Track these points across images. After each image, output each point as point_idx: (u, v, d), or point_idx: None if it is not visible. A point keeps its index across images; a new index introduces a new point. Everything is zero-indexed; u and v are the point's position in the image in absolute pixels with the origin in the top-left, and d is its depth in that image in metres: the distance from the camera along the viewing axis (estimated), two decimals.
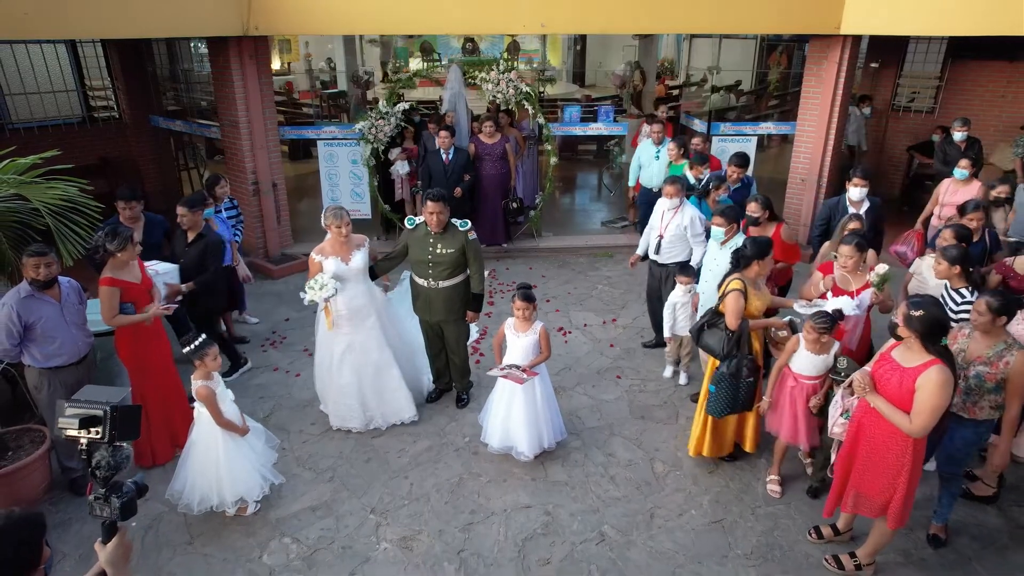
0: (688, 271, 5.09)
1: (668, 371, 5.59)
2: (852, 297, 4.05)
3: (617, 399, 5.27)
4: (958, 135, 7.19)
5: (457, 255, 4.64)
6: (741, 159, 6.16)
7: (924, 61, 9.83)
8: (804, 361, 3.85)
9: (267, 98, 7.55)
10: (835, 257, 4.27)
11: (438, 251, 4.62)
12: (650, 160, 7.50)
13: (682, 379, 5.48)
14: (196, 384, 3.71)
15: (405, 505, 4.15)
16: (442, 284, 4.71)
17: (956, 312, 3.99)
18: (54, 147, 4.33)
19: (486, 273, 6.16)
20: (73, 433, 2.09)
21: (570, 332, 6.32)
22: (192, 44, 9.60)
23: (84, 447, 2.11)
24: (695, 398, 5.18)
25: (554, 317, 6.57)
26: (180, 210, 4.98)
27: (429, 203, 4.49)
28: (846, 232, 4.52)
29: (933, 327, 3.01)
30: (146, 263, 4.67)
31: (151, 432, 4.41)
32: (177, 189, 9.84)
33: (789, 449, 4.23)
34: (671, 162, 6.98)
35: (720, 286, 4.28)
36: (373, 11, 6.92)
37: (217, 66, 7.33)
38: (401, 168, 7.97)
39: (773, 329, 4.27)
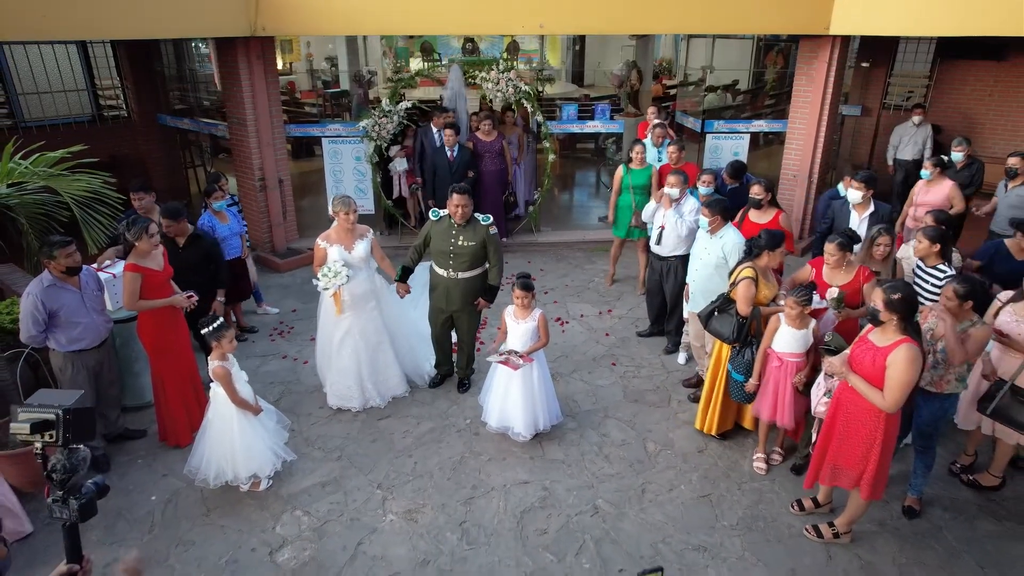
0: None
1: (682, 357, 5.81)
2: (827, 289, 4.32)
3: (611, 384, 5.50)
4: (956, 155, 6.94)
5: (478, 248, 4.86)
6: (735, 170, 6.37)
7: (914, 60, 10.05)
8: (787, 338, 4.07)
9: (273, 97, 7.77)
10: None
11: (460, 243, 4.84)
12: (652, 162, 7.17)
13: (681, 358, 5.75)
14: (213, 364, 3.94)
15: (410, 481, 4.38)
16: (461, 275, 4.94)
17: (935, 287, 4.26)
18: (65, 145, 4.55)
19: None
20: (25, 437, 2.09)
21: (567, 322, 6.55)
22: (194, 44, 9.83)
23: (39, 451, 2.12)
24: (687, 383, 5.44)
25: (552, 308, 6.79)
26: (164, 222, 4.86)
27: (455, 196, 4.72)
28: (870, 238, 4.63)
29: (912, 305, 3.26)
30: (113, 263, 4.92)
31: (169, 413, 4.65)
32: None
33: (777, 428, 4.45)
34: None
35: (731, 274, 4.52)
36: (375, 12, 7.15)
37: (225, 66, 7.56)
38: (399, 165, 8.18)
39: None
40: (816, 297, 4.12)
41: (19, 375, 4.53)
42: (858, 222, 5.38)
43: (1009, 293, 4.04)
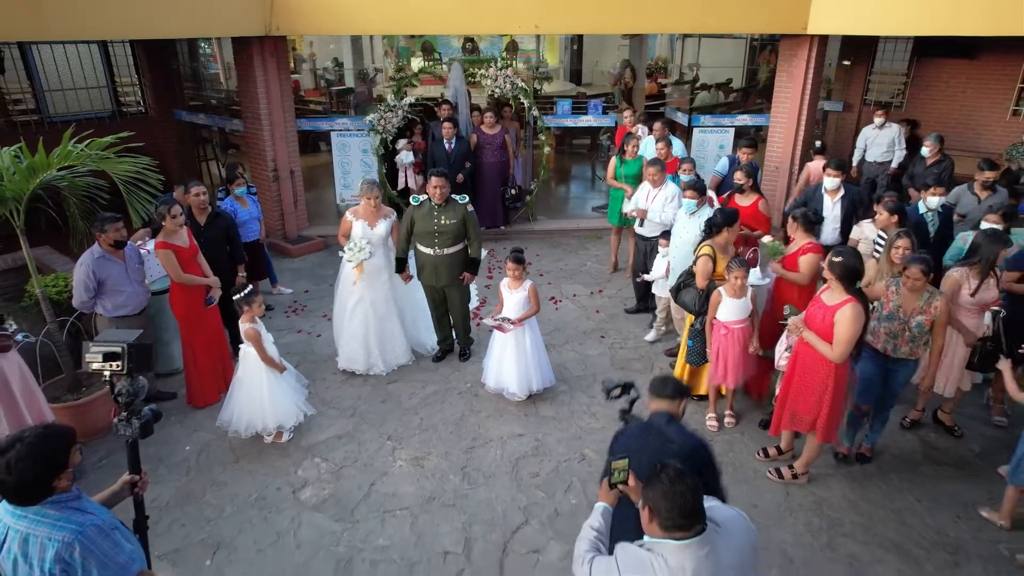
0: (668, 236, 5.80)
1: (651, 335, 6.30)
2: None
3: (600, 354, 6.01)
4: (925, 151, 7.13)
5: (458, 225, 5.36)
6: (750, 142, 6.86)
7: (892, 59, 10.56)
8: (729, 307, 4.57)
9: (286, 93, 8.28)
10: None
11: (442, 222, 5.34)
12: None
13: (650, 335, 6.25)
14: (244, 327, 4.44)
15: (416, 434, 4.89)
16: (446, 251, 5.43)
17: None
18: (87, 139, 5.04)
19: (485, 252, 6.91)
20: (97, 366, 2.57)
21: (561, 301, 7.06)
22: (200, 45, 10.35)
23: (107, 378, 2.61)
24: (669, 353, 5.95)
25: (547, 289, 7.29)
26: (202, 188, 5.42)
27: (433, 178, 5.22)
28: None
29: (848, 271, 3.77)
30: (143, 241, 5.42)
31: (199, 377, 5.15)
32: (198, 179, 10.58)
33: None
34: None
35: (695, 251, 5.03)
36: (379, 13, 7.67)
37: (241, 63, 8.06)
38: (405, 157, 8.63)
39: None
40: (757, 273, 4.64)
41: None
42: (831, 206, 5.87)
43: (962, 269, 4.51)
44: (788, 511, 4.15)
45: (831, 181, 5.79)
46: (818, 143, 7.66)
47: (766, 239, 4.81)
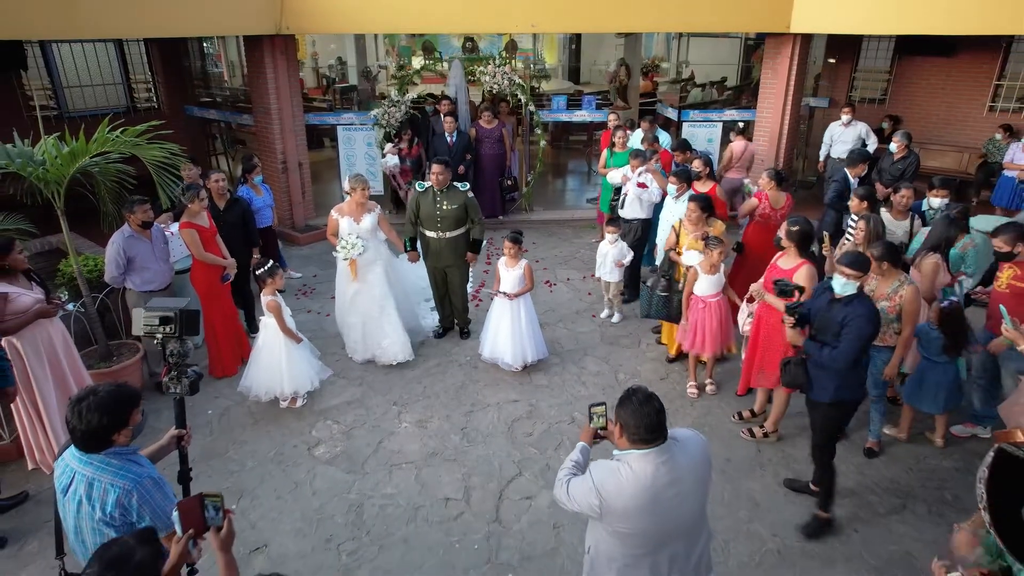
0: (615, 223, 6.32)
1: (605, 313, 6.70)
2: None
3: (591, 331, 6.43)
4: (893, 146, 7.40)
5: (460, 210, 5.77)
6: (681, 145, 7.31)
7: (875, 57, 10.98)
8: (704, 284, 5.00)
9: (294, 89, 8.70)
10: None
11: (444, 207, 5.75)
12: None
13: (615, 317, 6.63)
14: (266, 299, 4.86)
15: (420, 400, 5.31)
16: (448, 235, 5.84)
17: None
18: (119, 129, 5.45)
19: (485, 241, 7.27)
20: (152, 328, 2.85)
21: (555, 284, 7.48)
22: (203, 44, 10.76)
23: (159, 341, 2.89)
24: (656, 329, 6.37)
25: (542, 274, 7.71)
26: (221, 175, 5.91)
27: (434, 166, 5.63)
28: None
29: (802, 237, 4.21)
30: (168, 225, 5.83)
31: (219, 349, 5.57)
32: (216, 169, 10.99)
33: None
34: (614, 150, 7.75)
35: None
36: (382, 14, 8.09)
37: (252, 61, 8.48)
38: (390, 160, 8.54)
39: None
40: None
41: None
42: (853, 182, 6.49)
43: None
44: (758, 465, 4.57)
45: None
46: (740, 124, 8.31)
47: (746, 180, 5.39)
